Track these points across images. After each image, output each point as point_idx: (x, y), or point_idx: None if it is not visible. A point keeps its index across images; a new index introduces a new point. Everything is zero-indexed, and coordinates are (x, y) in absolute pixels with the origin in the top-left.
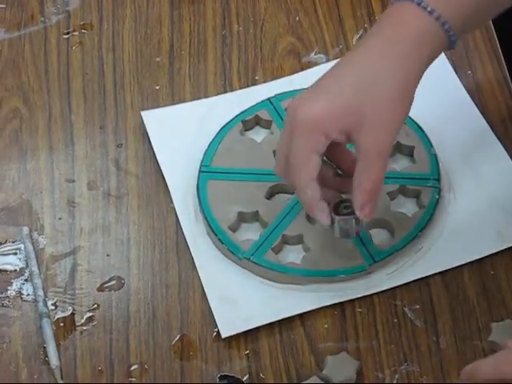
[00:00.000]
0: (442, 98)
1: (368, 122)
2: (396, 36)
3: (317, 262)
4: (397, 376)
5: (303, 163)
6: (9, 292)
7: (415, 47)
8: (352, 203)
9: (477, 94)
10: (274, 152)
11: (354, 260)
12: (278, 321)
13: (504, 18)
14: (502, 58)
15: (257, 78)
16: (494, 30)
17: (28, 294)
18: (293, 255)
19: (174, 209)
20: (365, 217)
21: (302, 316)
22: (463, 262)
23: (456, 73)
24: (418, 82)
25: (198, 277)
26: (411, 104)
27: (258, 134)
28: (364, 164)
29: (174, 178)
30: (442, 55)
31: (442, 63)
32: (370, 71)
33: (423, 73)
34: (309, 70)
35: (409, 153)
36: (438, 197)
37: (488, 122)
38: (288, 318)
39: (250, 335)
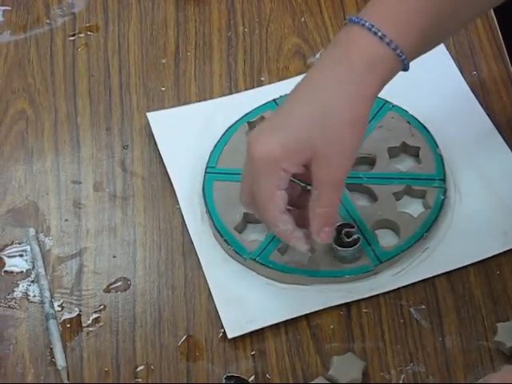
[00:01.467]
0: (447, 99)
1: (320, 154)
2: (348, 62)
3: (322, 262)
4: (403, 376)
5: (269, 200)
6: (15, 293)
7: (366, 73)
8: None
9: (482, 94)
10: None
11: (360, 261)
12: (284, 321)
13: (509, 17)
14: (507, 58)
15: (262, 79)
16: (498, 30)
17: (34, 296)
18: (299, 256)
19: (180, 210)
20: (321, 241)
21: (307, 316)
22: (469, 263)
23: (461, 73)
24: (371, 107)
25: (204, 278)
26: (365, 129)
27: None
28: (317, 193)
29: (179, 179)
30: (447, 55)
31: (447, 63)
32: (322, 101)
33: (376, 97)
34: None
35: (414, 153)
36: (443, 197)
37: (493, 122)
38: (294, 318)
39: (256, 336)
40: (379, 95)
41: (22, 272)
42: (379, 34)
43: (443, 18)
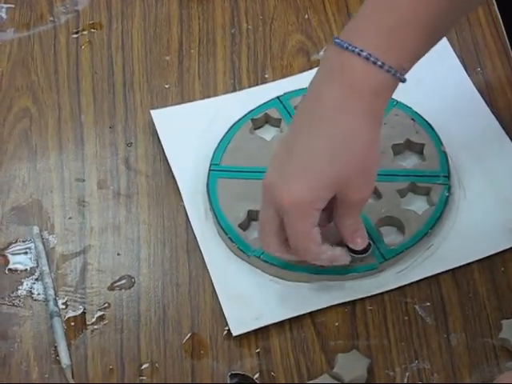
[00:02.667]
0: (451, 96)
1: (348, 184)
2: (354, 94)
3: None
4: (407, 373)
5: (308, 241)
6: (19, 291)
7: (374, 101)
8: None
9: (486, 91)
10: None
11: (365, 258)
12: (289, 319)
13: None
14: None
15: (266, 76)
16: (503, 26)
17: (39, 294)
18: None
19: (184, 207)
20: (359, 246)
21: (312, 314)
22: (473, 260)
23: (466, 70)
24: (381, 125)
25: (209, 275)
26: (379, 149)
27: (268, 133)
28: (347, 211)
29: (183, 177)
30: (451, 52)
31: (451, 60)
32: (337, 134)
33: (382, 117)
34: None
35: (419, 150)
36: (448, 194)
37: (498, 119)
38: (298, 316)
39: (260, 333)
40: None
41: (26, 270)
42: (379, 63)
43: (436, 25)
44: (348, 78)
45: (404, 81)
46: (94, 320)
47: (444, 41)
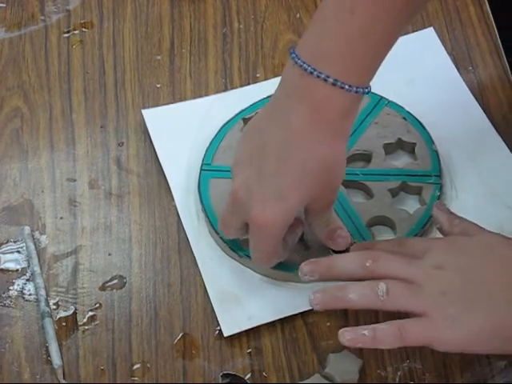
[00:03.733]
0: (443, 95)
1: (318, 201)
2: (322, 117)
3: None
4: (399, 373)
5: (271, 255)
6: (11, 292)
7: (342, 123)
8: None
9: (478, 89)
10: None
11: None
12: (281, 319)
13: (505, 13)
14: (503, 53)
15: (258, 75)
16: (494, 25)
17: (30, 294)
18: (294, 253)
19: (176, 207)
20: (340, 247)
21: (304, 314)
22: None
23: (457, 69)
24: (346, 142)
25: (200, 275)
26: (345, 163)
27: None
28: (316, 218)
29: (175, 177)
30: (443, 51)
31: (442, 59)
32: (307, 161)
33: (350, 133)
34: None
35: (410, 150)
36: (439, 193)
37: (489, 118)
38: (290, 316)
39: (252, 334)
40: (375, 91)
41: (17, 270)
42: (346, 86)
43: (392, 41)
44: (315, 102)
45: (369, 92)
46: (85, 320)
47: (435, 40)
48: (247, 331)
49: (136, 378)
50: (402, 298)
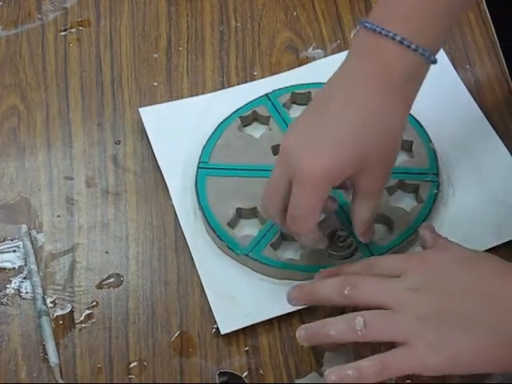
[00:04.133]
0: (440, 93)
1: (370, 168)
2: (387, 78)
3: (315, 257)
4: None
5: (310, 215)
6: (7, 290)
7: (407, 86)
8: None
9: (475, 88)
10: (273, 148)
11: (353, 256)
12: (277, 317)
13: (502, 11)
14: (501, 52)
15: (255, 73)
16: (491, 24)
17: (27, 292)
18: (291, 251)
19: (173, 205)
20: (367, 240)
21: (301, 312)
22: None
23: (454, 67)
24: (408, 114)
25: (197, 273)
26: (401, 136)
27: (256, 130)
28: (363, 201)
29: (172, 175)
30: (441, 50)
31: (440, 57)
32: (367, 117)
33: (412, 102)
34: (307, 66)
35: (407, 148)
36: (436, 191)
37: (486, 117)
38: (287, 314)
39: (249, 332)
40: None
41: (14, 268)
42: (412, 46)
43: (461, 7)
44: (382, 60)
45: (435, 62)
46: (82, 318)
47: None
48: (244, 329)
49: (133, 376)
50: (380, 330)
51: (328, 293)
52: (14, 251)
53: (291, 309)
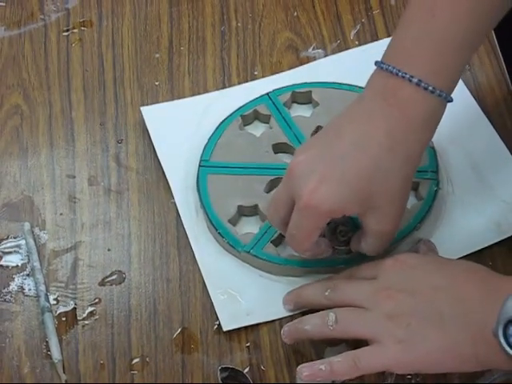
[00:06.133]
0: None
1: (377, 209)
2: (403, 121)
3: None
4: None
5: (306, 239)
6: (11, 287)
7: (424, 129)
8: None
9: (475, 88)
10: (273, 146)
11: (354, 252)
12: None
13: None
14: (500, 53)
15: (256, 73)
16: None
17: (30, 289)
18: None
19: (175, 203)
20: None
21: (301, 313)
22: (462, 254)
23: None
24: (418, 164)
25: (199, 270)
26: (411, 186)
27: (257, 129)
28: (372, 241)
29: (174, 173)
30: None
31: None
32: (381, 158)
33: (422, 153)
34: (307, 65)
35: None
36: (436, 189)
37: (486, 116)
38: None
39: (250, 328)
40: None
41: (17, 266)
42: (430, 88)
43: (475, 44)
44: (399, 103)
45: (451, 100)
46: (84, 315)
47: None
48: (246, 326)
49: (135, 372)
50: (349, 326)
51: (312, 295)
52: (17, 249)
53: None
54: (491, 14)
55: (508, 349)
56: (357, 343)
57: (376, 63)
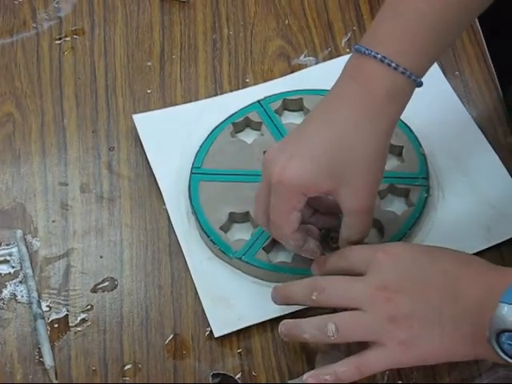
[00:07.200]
0: (430, 99)
1: (348, 184)
2: (368, 95)
3: (307, 260)
4: (387, 372)
5: (284, 221)
6: (3, 294)
7: (388, 105)
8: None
9: (464, 93)
10: (264, 153)
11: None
12: (270, 320)
13: (490, 17)
14: (489, 59)
15: (247, 80)
16: (480, 31)
17: (22, 296)
18: (284, 254)
19: (166, 210)
20: None
21: (293, 314)
22: None
23: (444, 74)
24: (391, 136)
25: (191, 277)
26: (386, 159)
27: (249, 136)
28: (350, 220)
29: (165, 180)
30: None
31: None
32: (348, 132)
33: (395, 125)
34: (298, 73)
35: (398, 152)
36: (426, 195)
37: (476, 122)
38: (280, 316)
39: (242, 334)
40: None
41: (9, 273)
42: (393, 64)
43: (447, 29)
44: (364, 79)
45: (420, 84)
46: (77, 322)
47: None
48: (237, 332)
49: (127, 378)
50: (351, 332)
51: (298, 297)
52: (10, 256)
53: (284, 311)
54: (470, 5)
55: (503, 355)
56: (349, 347)
57: (353, 46)
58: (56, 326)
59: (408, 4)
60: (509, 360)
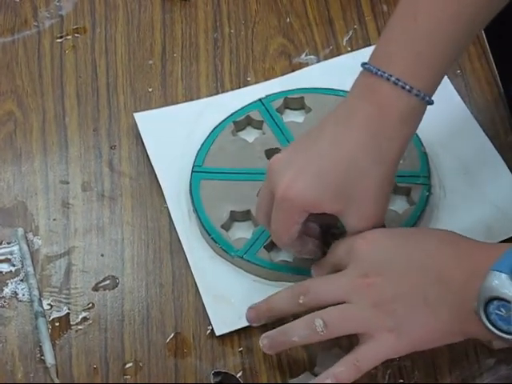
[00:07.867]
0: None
1: (354, 206)
2: (380, 118)
3: (309, 259)
4: (389, 371)
5: (284, 233)
6: (4, 292)
7: (400, 128)
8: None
9: (466, 92)
10: (266, 152)
11: None
12: None
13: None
14: (491, 57)
15: (248, 79)
16: (483, 32)
17: (23, 295)
18: (285, 253)
19: (168, 209)
20: None
21: (294, 313)
22: None
23: None
24: (401, 158)
25: (192, 275)
26: (394, 183)
27: (250, 135)
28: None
29: (167, 179)
30: None
31: None
32: (357, 155)
33: (406, 147)
34: (299, 71)
35: None
36: (428, 193)
37: (477, 120)
38: None
39: (243, 332)
40: None
41: (10, 271)
42: (407, 87)
43: (460, 47)
44: (377, 101)
45: (432, 103)
46: (78, 320)
47: None
48: (238, 330)
49: (128, 377)
50: (340, 326)
51: (285, 306)
52: (11, 254)
53: None
54: (476, 18)
55: (490, 326)
56: (350, 344)
57: (361, 65)
58: (57, 324)
59: (417, 23)
60: (495, 331)
